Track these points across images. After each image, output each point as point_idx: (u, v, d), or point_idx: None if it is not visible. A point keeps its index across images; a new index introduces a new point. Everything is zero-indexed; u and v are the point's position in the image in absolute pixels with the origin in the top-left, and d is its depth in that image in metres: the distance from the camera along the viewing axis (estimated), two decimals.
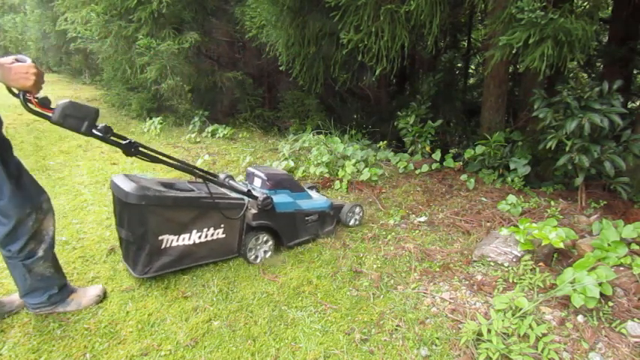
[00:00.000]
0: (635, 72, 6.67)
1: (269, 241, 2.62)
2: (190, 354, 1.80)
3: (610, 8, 5.76)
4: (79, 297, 2.06)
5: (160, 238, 2.18)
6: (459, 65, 7.67)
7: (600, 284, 2.01)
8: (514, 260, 2.48)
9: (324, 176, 4.03)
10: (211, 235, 2.37)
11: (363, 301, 2.21)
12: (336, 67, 4.49)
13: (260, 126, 6.49)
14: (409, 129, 4.66)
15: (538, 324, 1.90)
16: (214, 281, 2.33)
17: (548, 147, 3.23)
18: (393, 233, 3.04)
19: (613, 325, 1.97)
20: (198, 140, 5.72)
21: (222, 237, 2.42)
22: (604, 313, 2.02)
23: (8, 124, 6.18)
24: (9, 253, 1.83)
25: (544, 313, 2.07)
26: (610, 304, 2.07)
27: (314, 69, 4.74)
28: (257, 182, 2.75)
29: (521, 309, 1.95)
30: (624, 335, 1.92)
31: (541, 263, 2.47)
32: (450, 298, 2.23)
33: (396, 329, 1.99)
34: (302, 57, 4.58)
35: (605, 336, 1.92)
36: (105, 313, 2.04)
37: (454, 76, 7.08)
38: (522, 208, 3.32)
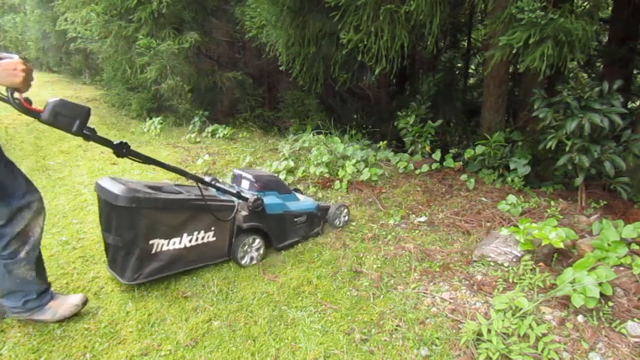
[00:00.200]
0: (635, 72, 6.68)
1: (260, 243, 2.58)
2: (190, 354, 1.80)
3: (610, 8, 5.77)
4: (57, 305, 1.93)
5: (151, 242, 2.11)
6: (459, 65, 7.67)
7: (600, 284, 2.01)
8: (514, 260, 2.48)
9: (324, 176, 4.03)
10: (202, 238, 2.32)
11: (363, 301, 2.21)
12: (336, 67, 4.49)
13: (260, 126, 6.49)
14: (409, 129, 4.66)
15: (538, 324, 1.90)
16: (214, 281, 2.33)
17: (548, 147, 3.23)
18: (393, 233, 3.04)
19: (613, 325, 1.97)
20: (198, 140, 5.72)
21: (212, 240, 2.37)
22: (604, 313, 2.02)
23: (8, 124, 6.19)
24: None
25: (544, 313, 2.07)
26: (610, 304, 2.07)
27: (314, 69, 4.74)
28: (245, 184, 2.72)
29: (521, 309, 1.95)
30: (624, 335, 1.92)
31: (541, 263, 2.47)
32: (450, 298, 2.23)
33: (396, 329, 1.99)
34: (302, 57, 4.58)
35: (605, 336, 1.92)
36: (105, 313, 2.04)
37: (454, 76, 7.08)
38: (522, 208, 3.32)
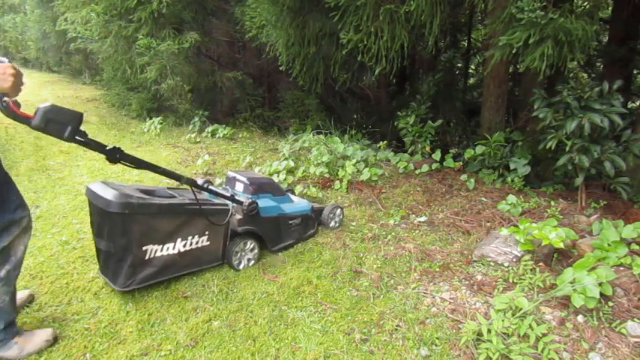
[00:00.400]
0: (635, 72, 6.67)
1: (254, 247, 2.56)
2: (190, 354, 1.80)
3: (610, 8, 5.77)
4: (24, 341, 1.77)
5: (144, 248, 2.07)
6: (459, 65, 7.66)
7: (600, 284, 2.01)
8: (514, 260, 2.48)
9: (324, 176, 4.03)
10: (196, 243, 2.29)
11: (363, 301, 2.21)
12: (336, 67, 4.49)
13: (260, 126, 6.49)
14: (409, 129, 4.66)
15: (538, 324, 1.90)
16: (214, 281, 2.33)
17: (548, 147, 3.23)
18: (393, 233, 3.04)
19: (613, 325, 1.97)
20: (198, 140, 5.72)
21: (206, 244, 2.34)
22: (604, 313, 2.02)
23: (8, 123, 6.18)
24: None
25: (544, 313, 2.07)
26: (610, 304, 2.07)
27: (314, 69, 4.74)
28: (239, 187, 2.69)
29: (521, 309, 1.95)
30: (624, 335, 1.92)
31: (541, 263, 2.47)
32: (450, 298, 2.23)
33: (396, 329, 1.99)
34: (302, 57, 4.58)
35: (605, 336, 1.92)
36: (105, 313, 2.04)
37: (454, 76, 7.08)
38: (522, 208, 3.32)
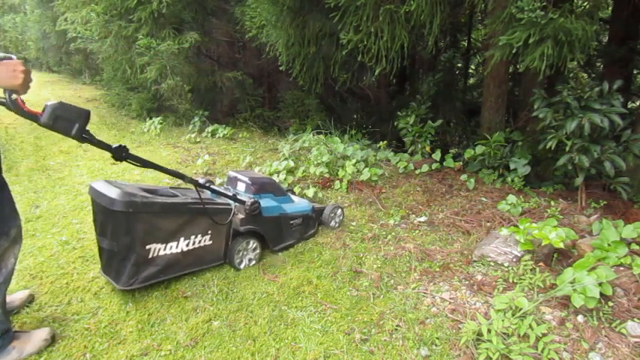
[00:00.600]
0: (635, 72, 6.67)
1: (256, 247, 2.58)
2: (190, 354, 1.80)
3: (610, 8, 5.77)
4: (23, 343, 1.75)
5: (148, 247, 2.07)
6: (459, 65, 7.67)
7: (600, 284, 2.01)
8: (514, 260, 2.48)
9: (324, 176, 4.03)
10: (199, 242, 2.29)
11: (363, 301, 2.21)
12: (336, 67, 4.49)
13: (260, 126, 6.49)
14: (409, 129, 4.66)
15: (538, 324, 1.90)
16: (214, 281, 2.33)
17: (548, 147, 3.23)
18: (393, 233, 3.04)
19: (613, 325, 1.97)
20: (198, 140, 5.72)
21: (209, 244, 2.35)
22: (604, 313, 2.02)
23: (8, 124, 6.18)
24: None
25: (544, 313, 2.07)
26: (610, 304, 2.07)
27: (314, 69, 4.74)
28: (241, 186, 2.70)
29: (521, 309, 1.95)
30: (624, 335, 1.92)
31: (541, 263, 2.47)
32: (450, 298, 2.23)
33: (396, 329, 1.99)
34: (302, 57, 4.58)
35: (605, 336, 1.92)
36: (105, 313, 2.04)
37: (454, 76, 7.08)
38: (522, 208, 3.32)
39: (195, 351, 1.82)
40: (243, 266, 2.51)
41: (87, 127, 1.69)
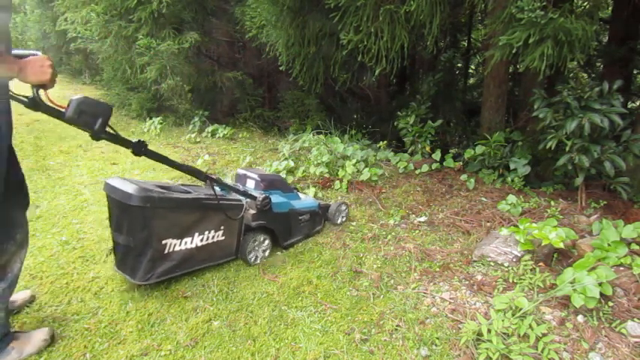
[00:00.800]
0: (635, 72, 6.67)
1: (267, 242, 2.63)
2: (190, 354, 1.80)
3: (610, 8, 5.76)
4: (22, 344, 1.74)
5: (164, 242, 2.11)
6: (459, 65, 7.66)
7: (600, 284, 2.01)
8: (514, 260, 2.48)
9: (324, 176, 4.03)
10: (212, 237, 2.33)
11: (363, 301, 2.21)
12: (336, 67, 4.49)
13: (260, 126, 6.49)
14: (409, 129, 4.66)
15: (538, 324, 1.90)
16: (214, 281, 2.33)
17: (548, 147, 3.23)
18: (393, 233, 3.04)
19: (613, 325, 1.97)
20: (198, 140, 5.72)
21: (221, 239, 2.39)
22: (604, 313, 2.02)
23: None
24: None
25: (544, 313, 2.07)
26: (610, 304, 2.07)
27: (314, 69, 4.74)
28: (250, 183, 2.74)
29: (521, 309, 1.95)
30: (624, 335, 1.92)
31: (541, 263, 2.47)
32: (450, 298, 2.23)
33: (396, 329, 1.99)
34: (302, 57, 4.58)
35: (605, 336, 1.92)
36: (105, 313, 2.04)
37: (454, 76, 7.07)
38: (522, 208, 3.32)
39: (195, 351, 1.82)
40: (254, 261, 2.56)
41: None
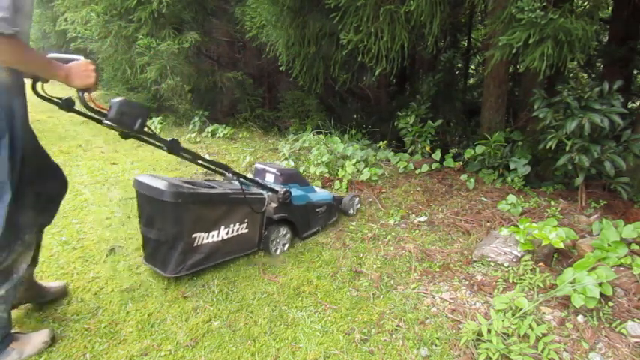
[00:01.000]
0: (635, 72, 6.68)
1: (287, 234, 2.74)
2: (190, 354, 1.80)
3: (610, 8, 5.77)
4: (22, 345, 1.73)
5: (193, 235, 2.21)
6: (459, 65, 7.66)
7: (600, 284, 2.01)
8: (514, 260, 2.48)
9: (324, 176, 4.03)
10: (237, 230, 2.44)
11: (363, 301, 2.21)
12: (336, 67, 4.49)
13: (260, 126, 6.49)
14: (409, 129, 4.66)
15: (538, 324, 1.90)
16: (214, 281, 2.33)
17: (548, 147, 3.23)
18: (393, 233, 3.04)
19: (613, 325, 1.97)
20: (198, 140, 5.72)
21: (245, 232, 2.50)
22: (604, 313, 2.02)
23: None
24: None
25: (544, 313, 2.07)
26: (610, 304, 2.07)
27: (314, 69, 4.74)
28: (269, 178, 2.85)
29: (521, 309, 1.95)
30: (624, 335, 1.92)
31: (541, 263, 2.47)
32: (450, 298, 2.23)
33: (396, 329, 1.99)
34: (302, 57, 4.58)
35: (605, 336, 1.92)
36: (105, 313, 2.04)
37: (454, 76, 7.08)
38: (522, 208, 3.32)
39: (195, 351, 1.82)
40: (276, 252, 2.66)
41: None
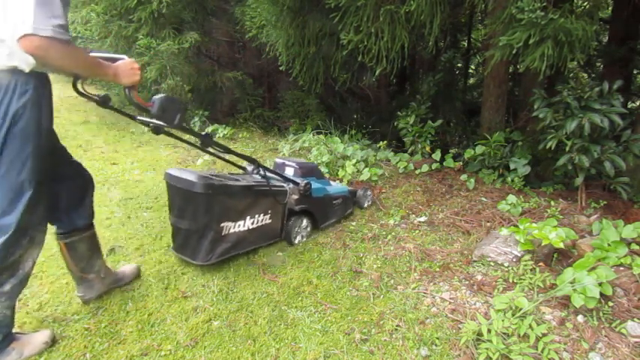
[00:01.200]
0: (635, 72, 6.68)
1: (307, 224, 2.88)
2: (190, 354, 1.80)
3: (610, 8, 5.77)
4: (22, 345, 1.72)
5: (222, 225, 2.31)
6: (459, 65, 7.67)
7: (600, 284, 2.01)
8: (514, 260, 2.48)
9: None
10: (261, 220, 2.55)
11: (363, 301, 2.21)
12: (336, 67, 4.49)
13: (260, 126, 6.49)
14: (409, 129, 4.66)
15: (538, 324, 1.90)
16: (214, 281, 2.33)
17: (548, 147, 3.23)
18: (393, 233, 3.04)
19: (613, 325, 1.97)
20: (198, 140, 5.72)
21: (268, 222, 2.61)
22: (604, 313, 2.02)
23: None
24: None
25: (544, 313, 2.07)
26: (610, 304, 2.07)
27: (314, 69, 4.74)
28: (289, 171, 2.97)
29: (521, 309, 1.95)
30: (624, 335, 1.92)
31: (541, 263, 2.47)
32: (450, 298, 2.23)
33: (396, 329, 1.99)
34: (302, 57, 4.58)
35: (605, 336, 1.92)
36: (105, 313, 2.04)
37: (454, 76, 7.08)
38: (522, 208, 3.32)
39: (195, 351, 1.82)
40: (298, 242, 2.81)
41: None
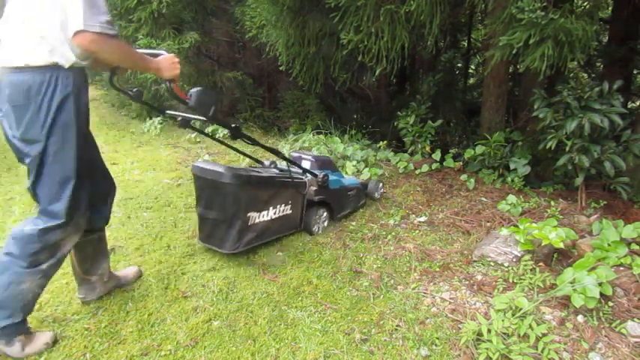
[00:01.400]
0: (635, 72, 6.68)
1: (325, 215, 3.01)
2: (190, 354, 1.80)
3: (610, 8, 5.77)
4: (26, 341, 1.73)
5: (248, 214, 2.40)
6: (459, 65, 7.67)
7: (600, 284, 2.01)
8: (514, 260, 2.48)
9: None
10: (282, 211, 2.64)
11: (363, 301, 2.21)
12: (336, 67, 4.49)
13: (260, 126, 6.49)
14: (409, 129, 4.66)
15: (538, 324, 1.90)
16: (214, 281, 2.33)
17: (548, 147, 3.23)
18: (393, 233, 3.04)
19: (613, 325, 1.97)
20: (198, 140, 5.72)
21: (289, 212, 2.70)
22: (604, 313, 2.03)
23: None
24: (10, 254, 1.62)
25: (544, 313, 2.07)
26: (610, 304, 2.07)
27: (314, 69, 4.74)
28: (305, 164, 3.05)
29: (521, 309, 1.95)
30: (624, 335, 1.92)
31: (541, 263, 2.47)
32: (450, 298, 2.23)
33: (396, 329, 1.99)
34: (302, 57, 4.58)
35: (605, 336, 1.92)
36: (105, 313, 2.04)
37: (454, 76, 7.08)
38: (522, 208, 3.32)
39: (195, 351, 1.82)
40: (317, 232, 2.93)
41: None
